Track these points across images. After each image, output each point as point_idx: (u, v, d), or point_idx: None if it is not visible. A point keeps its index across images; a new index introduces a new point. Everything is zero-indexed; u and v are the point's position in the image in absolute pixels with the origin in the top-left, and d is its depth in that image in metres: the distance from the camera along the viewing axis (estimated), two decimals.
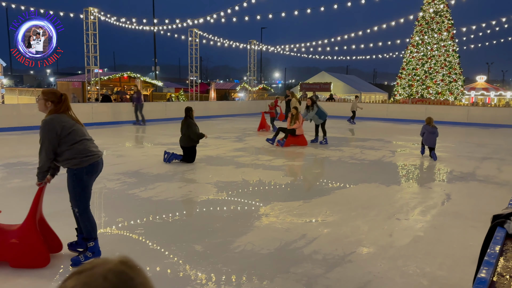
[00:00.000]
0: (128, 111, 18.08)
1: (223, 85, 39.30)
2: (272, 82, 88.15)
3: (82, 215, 3.72)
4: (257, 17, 19.50)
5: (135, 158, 9.17)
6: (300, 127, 11.36)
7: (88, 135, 3.78)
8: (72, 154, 3.61)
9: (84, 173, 3.66)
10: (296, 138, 11.49)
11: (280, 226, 4.75)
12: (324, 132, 11.99)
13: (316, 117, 11.76)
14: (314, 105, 11.73)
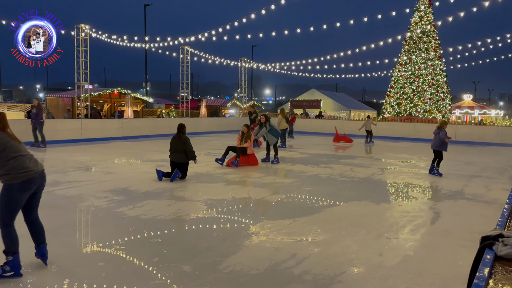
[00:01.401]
0: (118, 127, 17.99)
1: (214, 101, 39.41)
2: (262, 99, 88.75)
3: (3, 229, 3.69)
4: (248, 36, 19.74)
5: (124, 175, 9.07)
6: (251, 146, 10.77)
7: (24, 151, 3.78)
8: (6, 170, 3.62)
9: (16, 189, 3.64)
10: (247, 157, 10.85)
11: (270, 246, 4.70)
12: (275, 151, 11.48)
13: (270, 136, 11.27)
14: (267, 122, 11.27)
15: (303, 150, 15.32)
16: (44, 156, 11.75)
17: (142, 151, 13.60)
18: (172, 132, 9.12)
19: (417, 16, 26.51)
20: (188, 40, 20.97)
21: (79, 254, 4.38)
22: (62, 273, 3.82)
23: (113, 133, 17.65)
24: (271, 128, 11.27)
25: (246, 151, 10.70)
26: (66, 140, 15.66)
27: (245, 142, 10.73)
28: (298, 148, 15.78)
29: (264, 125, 11.27)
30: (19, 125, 15.00)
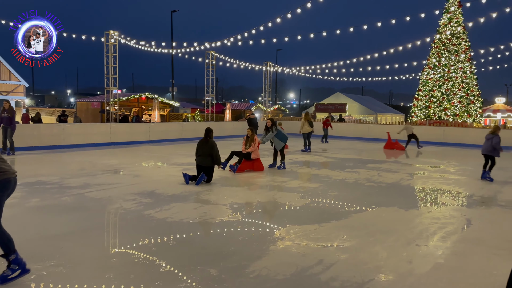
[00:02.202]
0: (146, 131, 18.35)
1: (238, 105, 39.65)
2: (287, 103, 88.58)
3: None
4: (273, 40, 19.75)
5: (151, 178, 9.22)
6: (256, 150, 10.38)
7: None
8: None
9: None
10: (252, 163, 10.41)
11: (296, 251, 4.66)
12: (282, 156, 11.04)
13: (277, 140, 10.91)
14: (273, 127, 10.84)
15: (328, 154, 15.17)
16: (74, 159, 12.10)
17: (168, 155, 13.81)
18: (197, 136, 9.23)
19: (446, 17, 25.86)
20: (214, 45, 21.19)
21: (108, 256, 4.47)
22: (92, 274, 3.90)
23: (141, 137, 18.02)
24: (278, 132, 10.88)
25: (250, 156, 10.31)
26: (96, 144, 16.09)
27: (249, 146, 10.33)
28: (323, 152, 15.64)
29: (271, 129, 10.88)
30: (52, 129, 15.52)
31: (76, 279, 3.76)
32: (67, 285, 3.63)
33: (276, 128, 10.82)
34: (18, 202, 6.65)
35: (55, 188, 7.76)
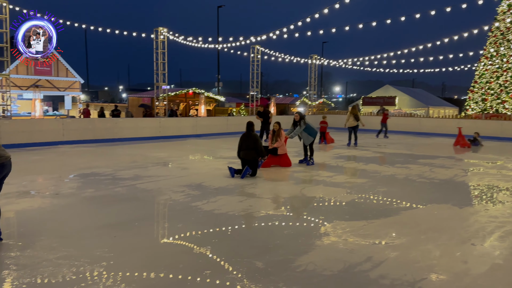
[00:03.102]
0: (193, 125, 18.79)
1: (283, 99, 39.49)
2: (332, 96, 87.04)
3: None
4: (320, 32, 19.42)
5: (198, 171, 9.42)
6: (282, 145, 9.99)
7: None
8: None
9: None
10: (278, 158, 10.04)
11: (343, 247, 4.57)
12: (311, 151, 10.57)
13: (305, 135, 10.38)
14: (301, 121, 10.29)
15: (376, 149, 14.75)
16: (126, 152, 12.62)
17: (214, 148, 14.04)
18: (242, 130, 9.29)
19: (506, 4, 24.16)
20: (259, 39, 21.19)
21: (158, 245, 4.62)
22: (143, 263, 4.04)
23: (188, 131, 18.48)
24: (307, 126, 10.35)
25: (276, 151, 9.98)
26: (146, 138, 16.70)
27: (276, 141, 9.97)
28: (370, 147, 15.22)
29: (299, 124, 10.33)
30: (105, 123, 16.28)
31: (128, 267, 3.91)
32: (119, 272, 3.78)
33: (304, 122, 10.31)
34: (75, 192, 7.04)
35: (108, 180, 8.14)
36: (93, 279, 3.62)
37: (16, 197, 6.59)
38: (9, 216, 5.63)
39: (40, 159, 10.90)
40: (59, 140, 14.29)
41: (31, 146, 13.46)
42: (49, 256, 4.14)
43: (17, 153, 11.81)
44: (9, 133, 13.21)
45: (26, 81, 26.42)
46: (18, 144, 13.25)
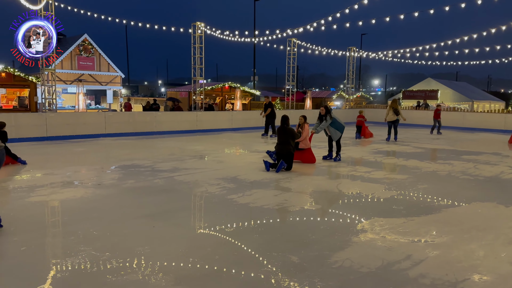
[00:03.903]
0: (228, 119, 18.94)
1: (319, 93, 38.96)
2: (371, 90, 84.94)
3: None
4: (359, 23, 18.93)
5: (234, 164, 9.49)
6: (305, 140, 9.55)
7: None
8: None
9: None
10: (301, 153, 9.60)
11: (382, 244, 4.45)
12: (338, 147, 10.12)
13: (333, 130, 9.92)
14: (328, 115, 9.79)
15: (417, 144, 14.26)
16: (165, 145, 12.91)
17: (249, 142, 14.09)
18: (277, 123, 9.25)
19: None
20: (296, 32, 20.95)
21: (194, 236, 4.70)
22: (180, 253, 4.12)
23: (224, 124, 18.66)
24: (334, 121, 9.87)
25: (297, 146, 9.50)
26: (183, 131, 17.03)
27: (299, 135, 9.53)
28: (411, 142, 14.74)
29: (325, 118, 9.84)
30: (145, 116, 16.73)
31: (166, 257, 4.00)
32: (157, 262, 3.88)
33: (331, 117, 9.81)
34: (116, 183, 7.28)
35: (148, 171, 8.36)
36: (132, 267, 3.73)
37: (61, 187, 6.90)
38: (53, 205, 5.91)
39: (84, 151, 11.36)
40: (101, 132, 14.84)
41: (75, 138, 14.06)
42: (90, 244, 4.30)
43: (61, 145, 12.37)
44: (54, 125, 13.85)
45: (70, 75, 27.60)
46: (63, 136, 13.88)
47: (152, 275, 3.58)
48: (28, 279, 3.49)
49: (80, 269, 3.69)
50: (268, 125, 16.37)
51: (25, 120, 13.48)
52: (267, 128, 16.41)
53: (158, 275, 3.57)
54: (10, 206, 5.81)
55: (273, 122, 16.18)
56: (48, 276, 3.56)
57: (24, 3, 13.54)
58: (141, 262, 3.85)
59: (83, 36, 28.25)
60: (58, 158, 10.16)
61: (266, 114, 16.29)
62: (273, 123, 16.17)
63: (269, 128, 16.49)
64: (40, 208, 5.71)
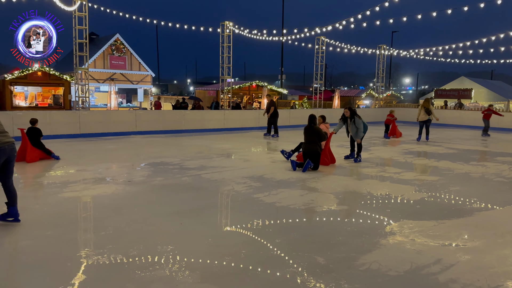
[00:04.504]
0: (255, 117, 18.97)
1: (348, 92, 38.40)
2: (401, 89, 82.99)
3: None
4: (390, 20, 18.51)
5: (260, 163, 9.50)
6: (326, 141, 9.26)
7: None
8: None
9: None
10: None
11: (411, 247, 4.35)
12: (359, 148, 9.83)
13: (355, 129, 9.63)
14: (355, 118, 9.54)
15: (449, 144, 13.83)
16: (192, 143, 13.09)
17: (276, 141, 14.07)
18: (304, 123, 9.18)
19: None
20: (324, 30, 20.72)
21: (220, 234, 4.74)
22: (206, 249, 4.17)
23: (251, 123, 18.71)
24: (358, 121, 9.61)
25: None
26: (211, 129, 17.20)
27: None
28: (443, 143, 14.31)
29: (351, 121, 9.62)
30: (174, 115, 17.01)
31: (192, 254, 4.05)
32: (184, 259, 3.94)
33: (359, 118, 9.59)
34: (145, 180, 7.44)
35: (176, 169, 8.49)
36: (160, 263, 3.80)
37: (93, 183, 7.12)
38: (86, 201, 6.10)
39: (115, 148, 11.67)
40: (132, 130, 15.20)
41: (107, 135, 14.46)
42: (120, 239, 4.42)
43: (94, 142, 12.76)
44: (87, 123, 14.30)
45: (102, 74, 28.39)
46: (95, 134, 14.30)
47: (179, 271, 3.64)
48: (60, 272, 3.62)
49: (111, 263, 3.80)
50: (270, 124, 15.75)
51: (60, 118, 13.97)
52: (269, 127, 15.81)
53: (185, 272, 3.62)
54: (45, 201, 6.05)
55: (276, 122, 15.64)
56: (79, 269, 3.68)
57: (59, 5, 14.03)
58: (168, 258, 3.92)
59: (115, 36, 29.00)
60: (90, 154, 10.49)
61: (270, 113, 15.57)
62: (276, 122, 15.63)
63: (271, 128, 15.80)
64: (73, 204, 5.92)
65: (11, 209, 4.84)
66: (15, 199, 4.86)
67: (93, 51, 27.45)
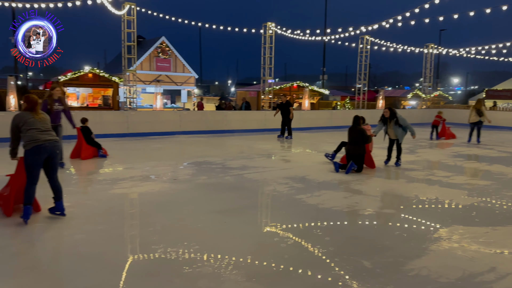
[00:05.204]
0: (296, 118, 18.88)
1: (392, 92, 37.35)
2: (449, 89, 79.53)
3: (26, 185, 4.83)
4: (440, 18, 17.76)
5: (301, 164, 9.44)
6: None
7: (37, 126, 4.84)
8: (24, 140, 4.81)
9: (29, 153, 4.76)
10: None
11: (462, 254, 4.16)
12: (400, 150, 9.29)
13: (400, 131, 9.08)
14: (397, 118, 9.02)
15: (501, 148, 13.09)
16: (234, 143, 13.24)
17: (317, 142, 13.93)
18: (347, 124, 9.03)
19: None
20: (370, 29, 20.25)
21: (263, 234, 4.76)
22: (249, 249, 4.20)
23: (292, 124, 18.59)
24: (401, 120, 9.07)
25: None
26: (252, 130, 17.30)
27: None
28: (495, 145, 13.56)
29: (394, 121, 9.05)
30: (216, 115, 17.27)
31: (236, 252, 4.10)
32: (228, 257, 3.99)
33: (403, 120, 9.07)
34: (190, 178, 7.62)
35: (219, 168, 8.63)
36: (206, 260, 3.88)
37: (140, 180, 7.38)
38: (134, 197, 6.34)
39: (160, 147, 12.03)
40: (176, 130, 15.61)
41: (153, 135, 14.93)
42: (167, 236, 4.55)
43: (141, 141, 13.22)
44: (135, 123, 14.84)
45: (148, 76, 29.36)
46: (142, 133, 14.81)
47: (224, 269, 3.69)
48: (112, 265, 3.78)
49: (159, 258, 3.92)
50: (284, 126, 14.79)
51: (109, 118, 14.60)
52: (283, 129, 14.83)
53: (230, 270, 3.67)
54: (96, 196, 6.34)
55: (290, 123, 14.67)
56: (130, 263, 3.83)
57: (110, 9, 14.68)
58: (213, 256, 3.99)
59: (161, 39, 29.91)
60: (137, 153, 10.88)
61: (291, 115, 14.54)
62: (290, 124, 14.66)
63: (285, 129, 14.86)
64: (122, 200, 6.16)
65: (57, 203, 5.09)
66: (60, 193, 5.10)
67: (140, 54, 28.48)
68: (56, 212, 5.10)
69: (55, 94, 8.25)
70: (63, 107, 8.44)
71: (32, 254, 4.17)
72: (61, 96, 8.43)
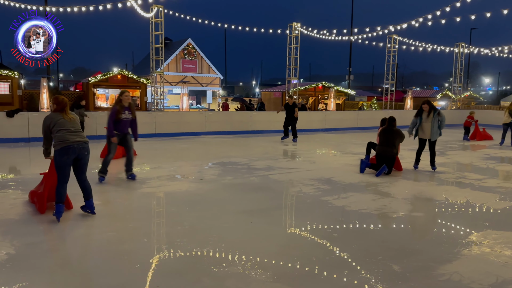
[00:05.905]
0: (322, 119, 18.73)
1: (421, 92, 36.45)
2: (480, 89, 77.06)
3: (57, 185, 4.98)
4: (472, 17, 17.23)
5: (327, 165, 9.36)
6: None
7: (70, 127, 4.97)
8: (54, 140, 4.97)
9: (57, 154, 4.89)
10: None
11: (496, 259, 4.02)
12: (433, 153, 8.67)
13: (436, 130, 8.48)
14: (435, 112, 8.43)
15: None
16: (259, 144, 13.26)
17: (343, 143, 13.77)
18: (373, 125, 8.90)
19: None
20: (399, 28, 19.86)
21: (289, 235, 4.75)
22: (276, 250, 4.20)
23: (317, 125, 18.48)
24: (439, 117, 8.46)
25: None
26: (276, 130, 17.27)
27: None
28: None
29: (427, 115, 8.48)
30: (240, 116, 17.35)
31: (263, 253, 4.11)
32: (255, 257, 4.00)
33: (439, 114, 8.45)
34: (216, 178, 7.68)
35: (244, 169, 8.66)
36: (233, 260, 3.90)
37: (167, 180, 7.50)
38: (162, 196, 6.45)
39: (187, 147, 12.19)
40: (202, 130, 15.78)
41: (179, 135, 15.15)
42: (195, 235, 4.61)
43: (167, 141, 13.43)
44: (162, 123, 15.10)
45: (175, 77, 29.80)
46: (169, 133, 15.05)
47: (252, 269, 3.70)
48: (142, 263, 3.86)
49: (187, 257, 3.98)
50: (287, 127, 14.10)
51: (137, 118, 14.86)
52: (286, 130, 14.19)
53: (257, 270, 3.68)
54: (126, 195, 6.49)
55: (295, 125, 14.07)
56: (159, 261, 3.90)
57: (139, 12, 15.00)
58: (241, 256, 4.01)
59: (187, 41, 30.29)
60: (164, 153, 11.06)
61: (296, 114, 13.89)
62: (294, 125, 14.06)
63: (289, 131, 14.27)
64: (151, 199, 6.28)
65: (87, 202, 5.23)
66: (89, 193, 5.23)
67: (167, 55, 28.93)
68: (87, 211, 5.25)
69: (124, 101, 7.34)
70: (132, 116, 7.61)
71: (64, 251, 4.31)
72: (131, 103, 7.56)
